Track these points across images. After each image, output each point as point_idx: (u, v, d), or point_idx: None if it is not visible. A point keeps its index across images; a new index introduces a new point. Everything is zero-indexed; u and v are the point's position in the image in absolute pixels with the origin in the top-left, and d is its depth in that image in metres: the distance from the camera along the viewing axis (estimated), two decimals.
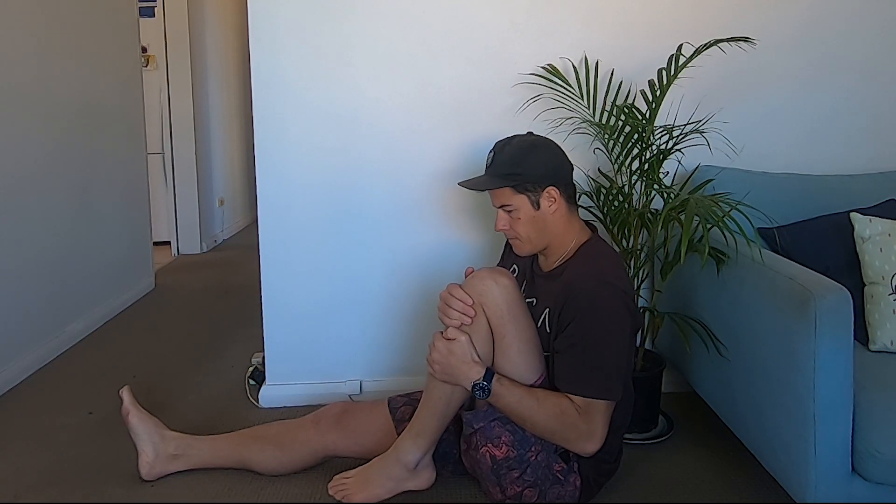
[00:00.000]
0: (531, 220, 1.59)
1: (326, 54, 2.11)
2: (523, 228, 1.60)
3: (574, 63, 2.13)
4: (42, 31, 2.65)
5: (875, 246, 1.71)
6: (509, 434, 1.52)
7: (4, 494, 1.72)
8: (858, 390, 1.38)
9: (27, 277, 2.53)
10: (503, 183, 1.58)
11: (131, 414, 1.76)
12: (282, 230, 2.18)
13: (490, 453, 1.53)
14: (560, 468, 1.54)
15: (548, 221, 1.59)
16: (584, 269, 1.53)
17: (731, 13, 2.15)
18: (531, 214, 1.58)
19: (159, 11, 4.38)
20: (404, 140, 2.16)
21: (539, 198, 1.57)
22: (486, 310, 1.51)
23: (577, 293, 1.48)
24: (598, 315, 1.47)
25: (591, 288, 1.48)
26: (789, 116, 2.22)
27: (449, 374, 1.52)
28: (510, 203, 1.58)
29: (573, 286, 1.49)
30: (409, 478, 1.62)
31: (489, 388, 1.48)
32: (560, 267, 1.59)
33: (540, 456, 1.53)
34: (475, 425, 1.54)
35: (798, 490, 1.43)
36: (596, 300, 1.47)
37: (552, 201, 1.57)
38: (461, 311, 1.51)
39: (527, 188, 1.57)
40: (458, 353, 1.50)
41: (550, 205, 1.57)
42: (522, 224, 1.59)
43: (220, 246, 4.98)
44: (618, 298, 1.48)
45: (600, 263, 1.54)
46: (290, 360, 2.25)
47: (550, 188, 1.57)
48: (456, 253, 2.23)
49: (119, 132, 3.35)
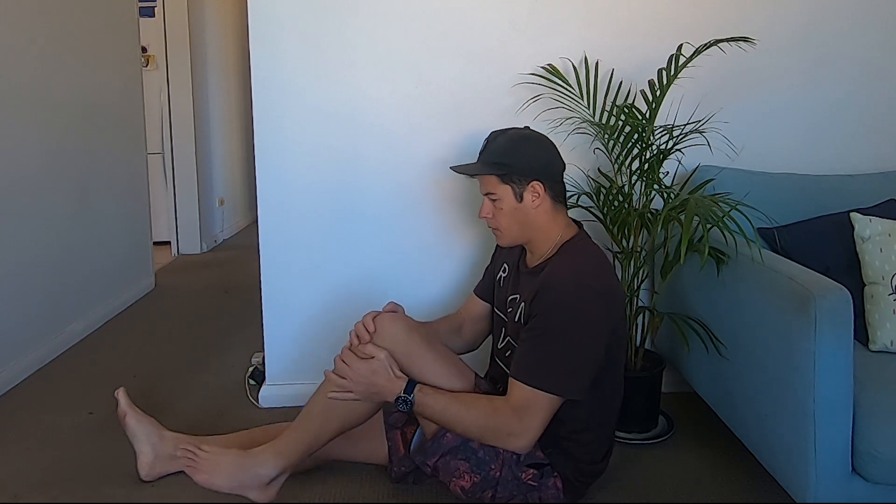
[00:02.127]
0: (512, 212, 1.59)
1: (326, 54, 2.11)
2: (504, 219, 1.60)
3: (574, 63, 2.13)
4: (42, 31, 2.65)
5: (875, 246, 1.71)
6: (465, 462, 1.52)
7: (4, 494, 1.72)
8: (858, 390, 1.38)
9: (27, 277, 2.53)
10: (490, 170, 1.59)
11: (128, 416, 1.76)
12: (282, 230, 2.18)
13: (458, 485, 1.54)
14: (531, 475, 1.53)
15: (529, 215, 1.58)
16: (561, 268, 1.52)
17: (731, 13, 2.15)
18: (513, 206, 1.58)
19: (159, 11, 4.38)
20: (404, 140, 2.16)
21: (523, 191, 1.57)
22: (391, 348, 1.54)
23: (549, 289, 1.48)
24: (565, 311, 1.46)
25: (564, 285, 1.47)
26: (789, 116, 2.22)
27: (372, 393, 1.53)
28: (495, 192, 1.59)
29: (546, 282, 1.49)
30: (256, 488, 1.57)
31: (411, 400, 1.50)
32: (542, 264, 1.59)
33: (504, 471, 1.52)
34: (429, 462, 1.55)
35: (798, 490, 1.43)
36: (566, 297, 1.46)
37: (536, 196, 1.57)
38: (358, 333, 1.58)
39: (512, 179, 1.57)
40: (379, 371, 1.51)
41: (534, 199, 1.57)
42: (504, 215, 1.60)
43: (220, 246, 4.98)
44: (590, 298, 1.47)
45: (578, 262, 1.53)
46: (290, 360, 2.25)
47: (535, 183, 1.56)
48: (455, 251, 2.23)
49: (119, 132, 3.35)
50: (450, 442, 1.53)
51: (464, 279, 2.24)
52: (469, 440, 1.52)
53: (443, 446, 1.53)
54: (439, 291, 2.25)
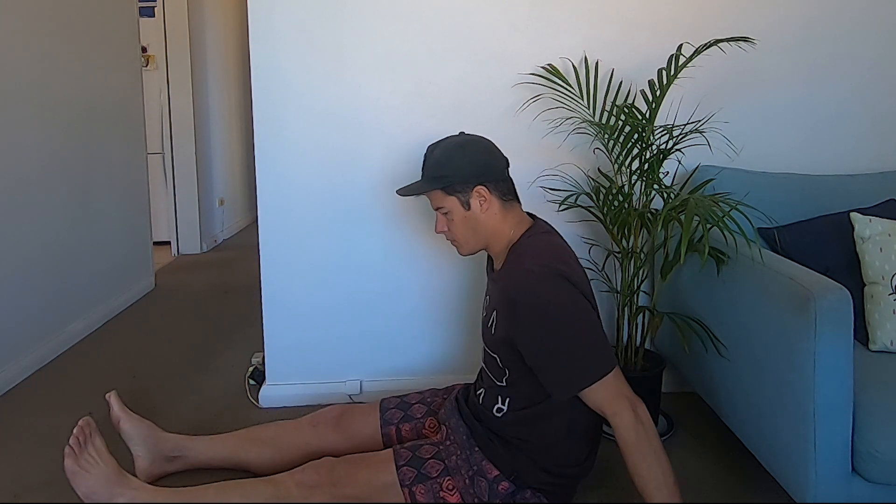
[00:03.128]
0: (464, 221, 1.57)
1: (327, 54, 2.11)
2: (458, 230, 1.59)
3: (574, 63, 2.13)
4: (42, 31, 2.65)
5: (875, 246, 1.71)
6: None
7: (4, 494, 1.72)
8: (858, 390, 1.38)
9: (28, 277, 2.53)
10: (432, 185, 1.57)
11: (122, 420, 1.76)
12: (282, 230, 2.18)
13: None
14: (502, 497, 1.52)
15: (480, 221, 1.56)
16: (512, 276, 1.49)
17: (732, 13, 2.15)
18: (463, 215, 1.56)
19: (159, 11, 4.38)
20: (404, 140, 2.16)
21: (469, 198, 1.55)
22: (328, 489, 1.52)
23: (516, 305, 1.44)
24: (548, 310, 1.43)
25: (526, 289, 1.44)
26: (789, 116, 2.22)
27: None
28: (443, 205, 1.57)
29: (509, 298, 1.46)
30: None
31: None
32: (501, 269, 1.57)
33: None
34: None
35: (798, 490, 1.43)
36: (536, 297, 1.43)
37: (483, 199, 1.55)
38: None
39: (455, 189, 1.55)
40: None
41: (482, 203, 1.55)
42: (457, 225, 1.58)
43: (220, 246, 4.98)
44: (553, 282, 1.43)
45: (525, 261, 1.49)
46: (290, 360, 2.25)
47: (479, 187, 1.54)
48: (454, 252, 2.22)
49: (119, 132, 3.35)
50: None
51: (463, 279, 2.24)
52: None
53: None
54: (439, 291, 2.25)
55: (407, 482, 1.52)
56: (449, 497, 1.52)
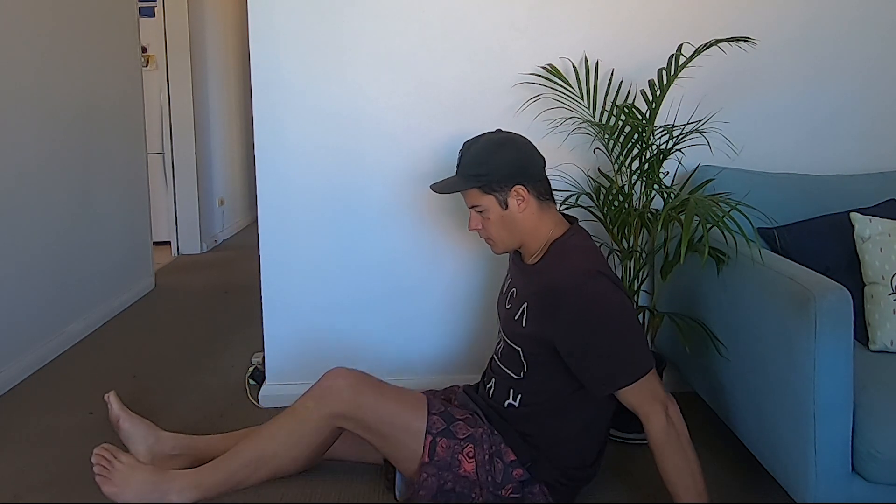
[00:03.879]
0: (500, 220, 1.57)
1: (327, 54, 2.11)
2: (494, 228, 1.59)
3: (574, 63, 2.13)
4: (42, 31, 2.65)
5: (875, 246, 1.71)
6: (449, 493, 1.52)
7: (4, 494, 1.72)
8: (858, 390, 1.38)
9: (27, 277, 2.53)
10: (469, 184, 1.56)
11: (122, 419, 1.75)
12: (282, 230, 2.18)
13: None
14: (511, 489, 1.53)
15: (517, 220, 1.56)
16: (560, 270, 1.49)
17: (732, 13, 2.15)
18: (500, 214, 1.56)
19: (159, 11, 4.38)
20: (404, 140, 2.16)
21: (507, 197, 1.55)
22: (333, 416, 1.53)
23: (563, 300, 1.45)
24: (594, 308, 1.44)
25: (574, 286, 1.45)
26: (790, 116, 2.22)
27: None
28: (479, 203, 1.57)
29: (556, 291, 1.46)
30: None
31: None
32: (538, 263, 1.57)
33: (485, 495, 1.52)
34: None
35: (798, 490, 1.43)
36: (583, 295, 1.44)
37: (520, 199, 1.55)
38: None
39: (493, 188, 1.54)
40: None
41: (519, 203, 1.55)
42: (492, 224, 1.58)
43: (220, 246, 4.98)
44: (600, 282, 1.45)
45: (572, 259, 1.51)
46: (290, 360, 2.25)
47: (518, 187, 1.54)
48: (455, 251, 2.23)
49: (119, 132, 3.35)
50: (427, 494, 1.52)
51: (464, 278, 2.24)
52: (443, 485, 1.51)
53: (423, 497, 1.52)
54: (440, 291, 2.25)
55: (433, 431, 1.53)
56: (466, 463, 1.52)
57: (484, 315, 2.25)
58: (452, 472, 1.51)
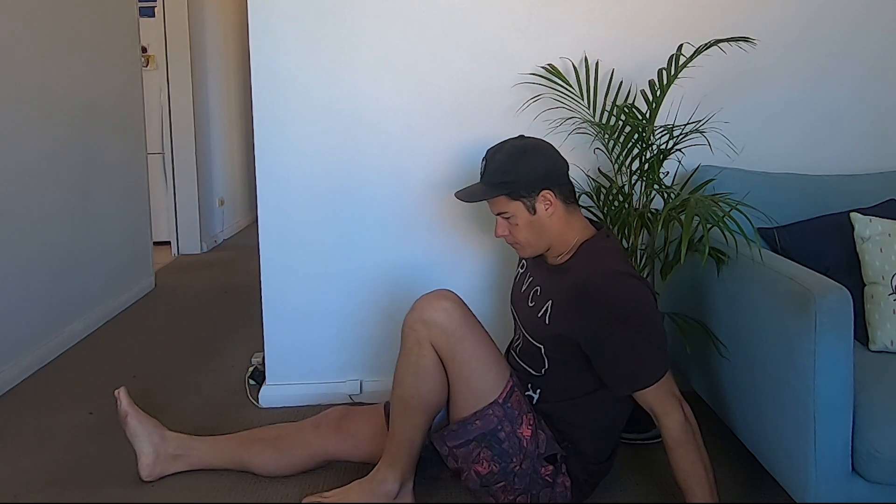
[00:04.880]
0: (529, 225, 1.58)
1: (327, 54, 2.11)
2: (522, 234, 1.59)
3: (574, 63, 2.13)
4: (42, 31, 2.65)
5: (875, 246, 1.71)
6: (487, 450, 1.52)
7: (4, 494, 1.73)
8: (858, 390, 1.38)
9: (27, 277, 2.53)
10: (497, 192, 1.57)
11: (130, 416, 1.76)
12: (282, 230, 2.18)
13: (474, 470, 1.54)
14: (549, 471, 1.55)
15: (545, 225, 1.57)
16: (591, 270, 1.50)
17: (732, 13, 2.15)
18: (528, 219, 1.57)
19: (159, 11, 4.38)
20: (404, 140, 2.16)
21: (535, 203, 1.56)
22: (433, 338, 1.53)
23: (592, 299, 1.45)
24: (625, 308, 1.45)
25: (607, 285, 1.46)
26: (790, 116, 2.22)
27: None
28: (506, 210, 1.58)
29: (586, 289, 1.47)
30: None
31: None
32: (566, 262, 1.58)
33: (525, 464, 1.53)
34: (449, 444, 1.55)
35: (798, 490, 1.43)
36: (615, 295, 1.45)
37: (549, 204, 1.56)
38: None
39: (521, 195, 1.55)
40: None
41: (547, 208, 1.56)
42: (521, 230, 1.59)
43: (220, 246, 4.98)
44: (631, 282, 1.47)
45: (603, 260, 1.52)
46: (290, 360, 2.25)
47: (545, 192, 1.55)
48: (455, 251, 2.23)
49: (119, 132, 3.35)
50: (478, 429, 1.52)
51: (464, 278, 2.24)
52: (498, 430, 1.52)
53: (469, 432, 1.52)
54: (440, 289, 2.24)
55: (515, 380, 1.57)
56: (526, 426, 1.54)
57: (483, 315, 2.25)
58: (512, 425, 1.53)
